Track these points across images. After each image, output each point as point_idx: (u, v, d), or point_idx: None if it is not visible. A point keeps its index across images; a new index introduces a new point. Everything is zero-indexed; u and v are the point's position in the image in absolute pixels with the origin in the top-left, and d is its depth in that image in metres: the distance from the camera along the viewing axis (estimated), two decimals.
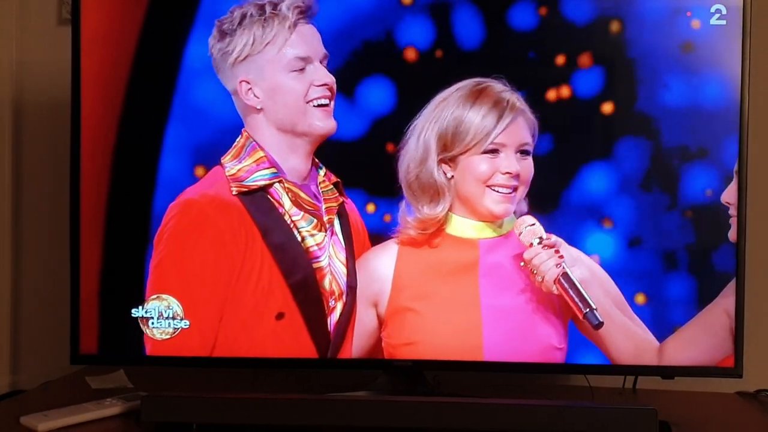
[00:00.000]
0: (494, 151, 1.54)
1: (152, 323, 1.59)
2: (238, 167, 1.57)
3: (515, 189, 1.55)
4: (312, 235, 1.57)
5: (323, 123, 1.56)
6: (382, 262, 1.59)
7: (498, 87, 1.55)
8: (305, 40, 1.55)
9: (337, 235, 1.59)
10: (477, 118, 1.53)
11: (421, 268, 1.58)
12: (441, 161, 1.55)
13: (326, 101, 1.56)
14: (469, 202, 1.57)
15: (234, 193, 1.56)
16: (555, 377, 1.85)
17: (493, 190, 1.54)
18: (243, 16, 1.54)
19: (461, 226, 1.58)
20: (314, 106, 1.55)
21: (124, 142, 1.61)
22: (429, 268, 1.58)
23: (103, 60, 1.61)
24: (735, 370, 1.58)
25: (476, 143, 1.53)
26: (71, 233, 1.62)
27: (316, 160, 1.60)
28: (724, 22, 1.55)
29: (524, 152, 1.55)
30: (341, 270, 1.59)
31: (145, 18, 1.60)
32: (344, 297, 1.59)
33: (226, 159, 1.58)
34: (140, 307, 1.59)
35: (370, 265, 1.60)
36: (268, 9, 1.54)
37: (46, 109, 1.99)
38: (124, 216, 1.62)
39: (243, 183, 1.56)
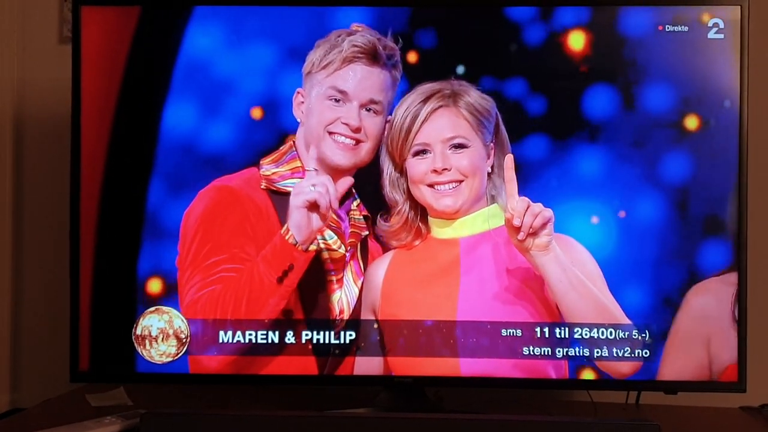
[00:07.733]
0: (422, 152, 1.55)
1: (153, 344, 1.59)
2: (274, 170, 1.60)
3: (459, 182, 1.54)
4: (330, 249, 1.58)
5: (336, 156, 1.56)
6: (376, 272, 1.60)
7: (426, 88, 1.56)
8: (353, 79, 1.56)
9: (358, 259, 1.61)
10: (399, 118, 1.55)
11: (406, 276, 1.59)
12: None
13: (347, 140, 1.56)
14: (425, 203, 1.57)
15: (263, 187, 1.58)
16: (557, 392, 1.84)
17: (434, 189, 1.55)
18: (327, 38, 1.58)
19: (438, 227, 1.58)
20: (333, 137, 1.56)
21: (120, 159, 1.62)
22: (413, 274, 1.58)
23: (103, 78, 1.61)
24: (738, 384, 1.57)
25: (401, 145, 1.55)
26: (71, 249, 1.62)
27: (352, 191, 1.60)
28: (722, 36, 1.56)
29: (457, 146, 1.55)
30: (354, 292, 1.60)
31: (134, 35, 1.61)
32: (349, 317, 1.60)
33: (265, 161, 1.60)
34: (139, 324, 1.59)
35: (369, 274, 1.61)
36: (336, 37, 1.57)
37: (46, 126, 1.99)
38: (122, 232, 1.62)
39: (274, 184, 1.59)
